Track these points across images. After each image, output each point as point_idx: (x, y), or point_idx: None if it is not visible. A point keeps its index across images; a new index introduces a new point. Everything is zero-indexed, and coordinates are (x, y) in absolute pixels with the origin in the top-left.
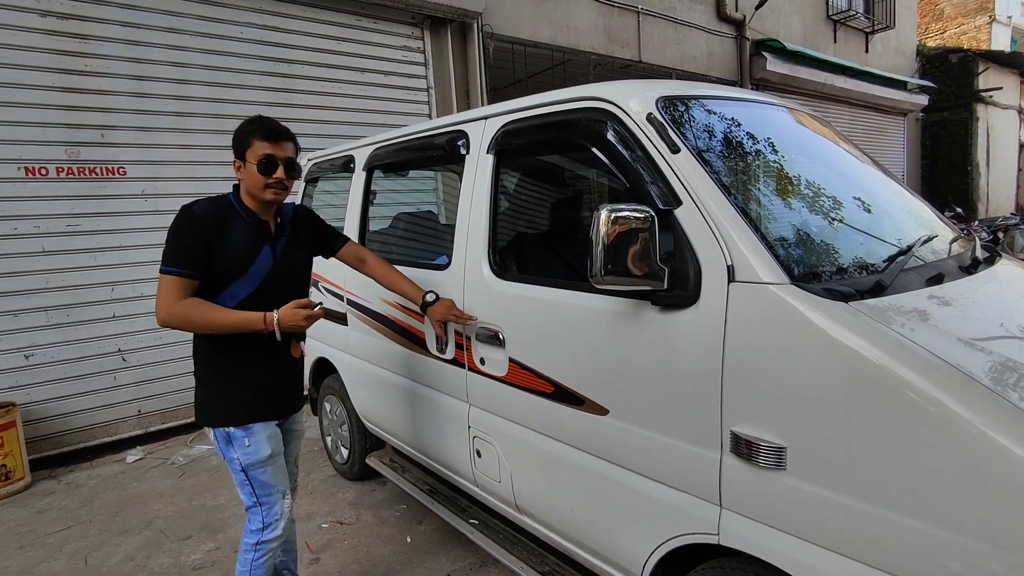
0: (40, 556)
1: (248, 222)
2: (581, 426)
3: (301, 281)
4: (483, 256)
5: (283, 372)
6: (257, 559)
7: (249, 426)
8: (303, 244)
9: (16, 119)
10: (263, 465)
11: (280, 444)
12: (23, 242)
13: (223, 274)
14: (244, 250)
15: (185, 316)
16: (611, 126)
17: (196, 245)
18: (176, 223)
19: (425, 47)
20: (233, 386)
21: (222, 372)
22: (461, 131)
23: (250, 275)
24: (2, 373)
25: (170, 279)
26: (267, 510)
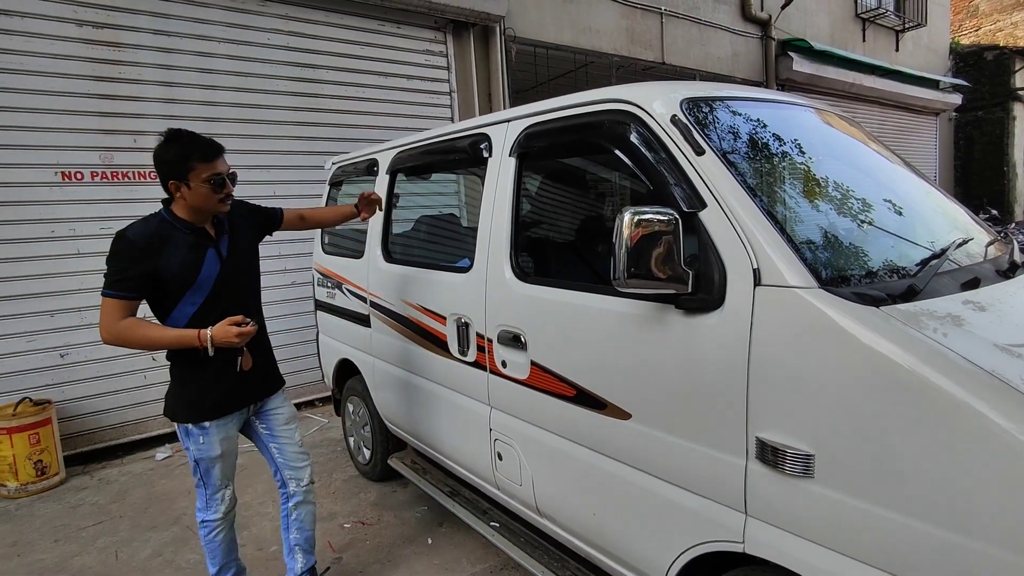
0: (73, 550)
1: (186, 232)
2: (603, 430)
3: (253, 275)
4: (505, 259)
5: (238, 373)
6: (207, 535)
7: (204, 425)
8: (245, 234)
9: (54, 125)
10: (212, 462)
11: (233, 444)
12: (59, 244)
13: (176, 286)
14: (188, 259)
15: (122, 336)
16: (634, 128)
17: (130, 268)
18: (111, 248)
19: (448, 51)
20: (189, 388)
21: (181, 375)
22: (484, 134)
23: (201, 281)
24: (39, 371)
25: (109, 301)
26: (210, 495)
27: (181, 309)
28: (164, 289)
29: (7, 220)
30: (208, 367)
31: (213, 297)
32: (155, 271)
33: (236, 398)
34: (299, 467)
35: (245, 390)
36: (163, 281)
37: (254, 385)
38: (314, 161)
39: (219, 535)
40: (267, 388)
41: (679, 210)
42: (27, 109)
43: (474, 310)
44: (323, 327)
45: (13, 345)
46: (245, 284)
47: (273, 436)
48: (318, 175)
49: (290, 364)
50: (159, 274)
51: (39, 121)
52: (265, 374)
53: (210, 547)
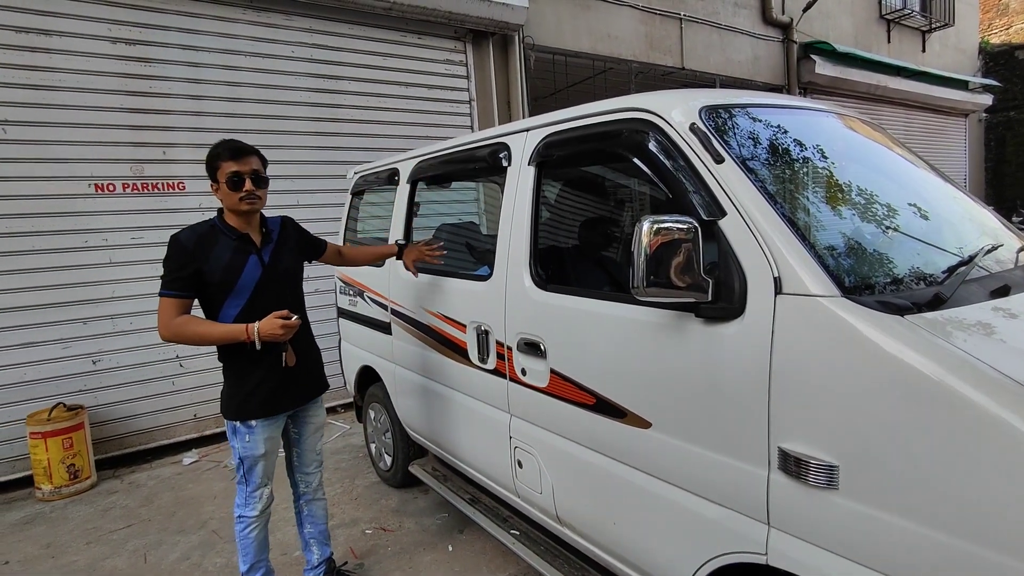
0: (104, 552)
1: (232, 238)
2: (623, 439)
3: (294, 284)
4: (524, 267)
5: (286, 372)
6: (243, 530)
7: (251, 424)
8: (290, 250)
9: (88, 139)
10: (256, 460)
11: (277, 444)
12: (93, 254)
13: (218, 287)
14: (230, 263)
15: (179, 332)
16: (653, 137)
17: (181, 268)
18: (167, 251)
19: (467, 60)
20: (240, 387)
21: (232, 374)
22: (503, 143)
23: (241, 285)
24: (72, 377)
25: (165, 301)
26: (250, 492)
27: (224, 312)
28: (208, 291)
29: (44, 231)
30: (258, 367)
31: (253, 302)
32: (200, 272)
33: (283, 400)
34: (311, 472)
35: (291, 394)
36: (206, 283)
37: (300, 389)
38: (336, 171)
39: (254, 532)
40: (312, 392)
41: (698, 218)
42: (64, 124)
43: (494, 318)
44: (345, 334)
45: (48, 352)
46: (285, 292)
47: (300, 440)
48: (340, 184)
49: None
50: (203, 276)
51: (74, 135)
52: (311, 379)
53: (244, 543)
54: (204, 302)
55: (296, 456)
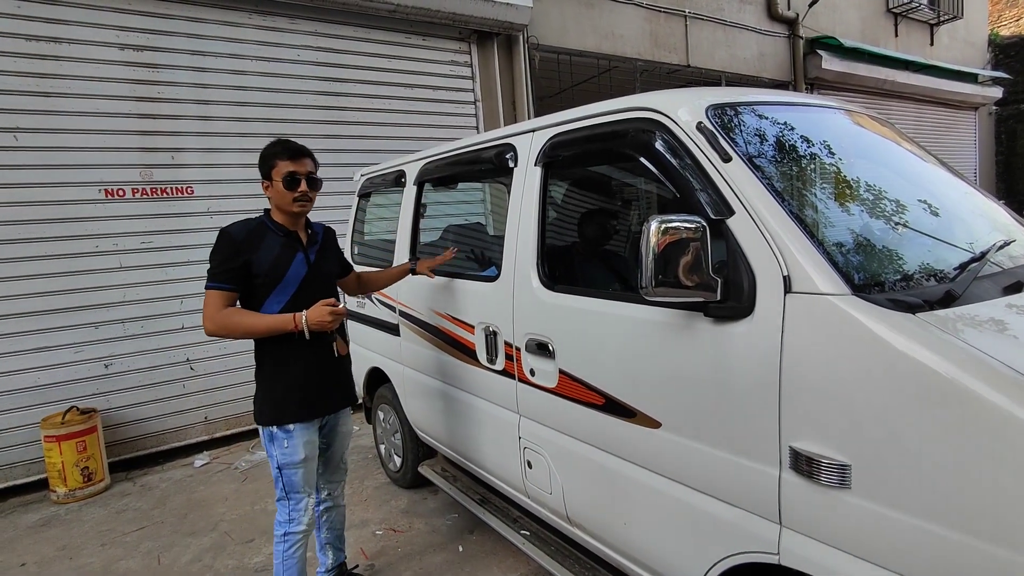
0: (118, 554)
1: (280, 235)
2: (633, 439)
3: (333, 287)
4: (532, 267)
5: (324, 372)
6: (287, 550)
7: (289, 428)
8: (332, 255)
9: (98, 145)
10: (296, 467)
11: (315, 450)
12: (104, 259)
13: (265, 281)
14: (278, 258)
15: (225, 324)
16: (660, 136)
17: (230, 261)
18: (215, 244)
19: (472, 60)
20: (277, 389)
21: (269, 376)
22: (509, 144)
23: (288, 279)
24: (85, 381)
25: (212, 294)
26: (293, 505)
27: (268, 307)
28: (254, 284)
29: (56, 236)
30: (299, 363)
31: (297, 297)
32: (249, 264)
33: (319, 405)
34: (336, 481)
35: (326, 398)
36: (254, 275)
37: (337, 393)
38: (343, 173)
39: (300, 550)
40: (346, 400)
41: (706, 217)
42: (74, 130)
43: (502, 319)
44: (353, 336)
45: (61, 356)
46: (326, 291)
47: (329, 447)
48: (346, 187)
49: None
50: (251, 267)
51: (84, 141)
52: (346, 386)
53: (287, 563)
54: (248, 297)
55: (323, 463)
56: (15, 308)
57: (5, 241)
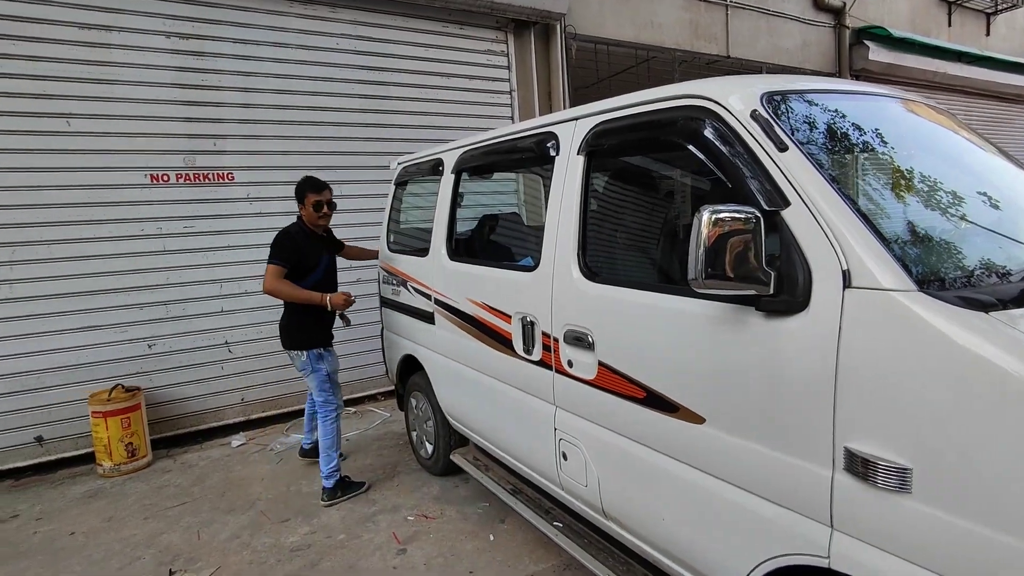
0: (161, 528)
1: (314, 241)
2: (675, 434)
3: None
4: (572, 258)
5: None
6: (335, 423)
7: (331, 348)
8: (334, 245)
9: (145, 131)
10: (336, 372)
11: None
12: (148, 242)
13: (305, 266)
14: (314, 253)
15: (278, 288)
16: (712, 125)
17: (288, 251)
18: (278, 237)
19: (508, 50)
20: (317, 328)
21: (310, 325)
22: (551, 132)
23: (320, 267)
24: (130, 360)
25: (272, 267)
26: (331, 396)
27: (304, 281)
28: (300, 266)
29: (104, 219)
30: (326, 319)
31: (322, 276)
32: (299, 255)
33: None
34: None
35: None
36: (300, 263)
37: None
38: (379, 162)
39: (338, 422)
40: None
41: (760, 208)
42: (122, 116)
43: (540, 309)
44: (387, 323)
45: (107, 335)
46: (334, 274)
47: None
48: (382, 175)
49: (353, 359)
50: (300, 257)
51: (132, 127)
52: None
53: (329, 437)
54: (291, 273)
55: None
56: (66, 288)
57: (58, 223)
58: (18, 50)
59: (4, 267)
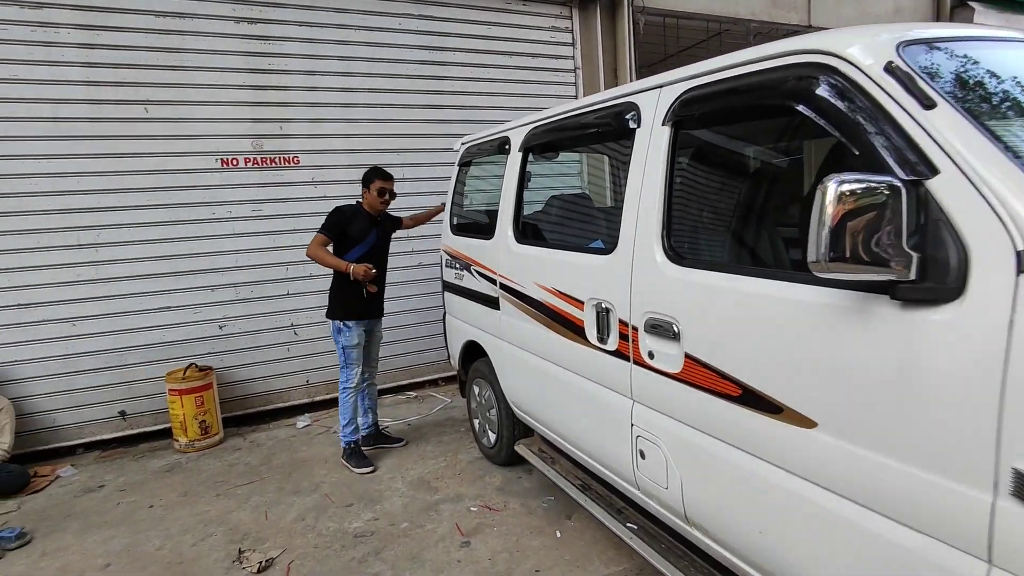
0: (231, 506)
1: (366, 217)
2: (778, 438)
3: (387, 250)
4: (656, 240)
5: (365, 299)
6: (347, 397)
7: (348, 323)
8: (388, 228)
9: (216, 116)
10: (352, 348)
11: (363, 339)
12: (219, 225)
13: (353, 239)
14: (363, 229)
15: (317, 254)
16: (834, 83)
17: (336, 224)
18: (331, 212)
19: (573, 26)
20: (343, 300)
21: (338, 294)
22: (631, 103)
23: (366, 241)
24: (202, 340)
25: (320, 236)
26: (348, 371)
27: (350, 256)
28: (347, 238)
29: (178, 203)
30: (352, 292)
31: (368, 251)
32: (346, 228)
33: (363, 314)
34: (372, 367)
35: (367, 311)
36: (347, 236)
37: (371, 312)
38: (441, 144)
39: (353, 397)
40: (377, 315)
41: (898, 178)
42: (194, 102)
43: (617, 295)
44: (450, 308)
45: (182, 316)
46: (383, 253)
47: (370, 344)
48: (444, 157)
49: (414, 343)
50: (347, 232)
51: (204, 112)
52: (377, 309)
53: (346, 404)
54: (338, 245)
55: (365, 353)
56: (145, 270)
57: (137, 207)
58: (101, 40)
59: (90, 249)
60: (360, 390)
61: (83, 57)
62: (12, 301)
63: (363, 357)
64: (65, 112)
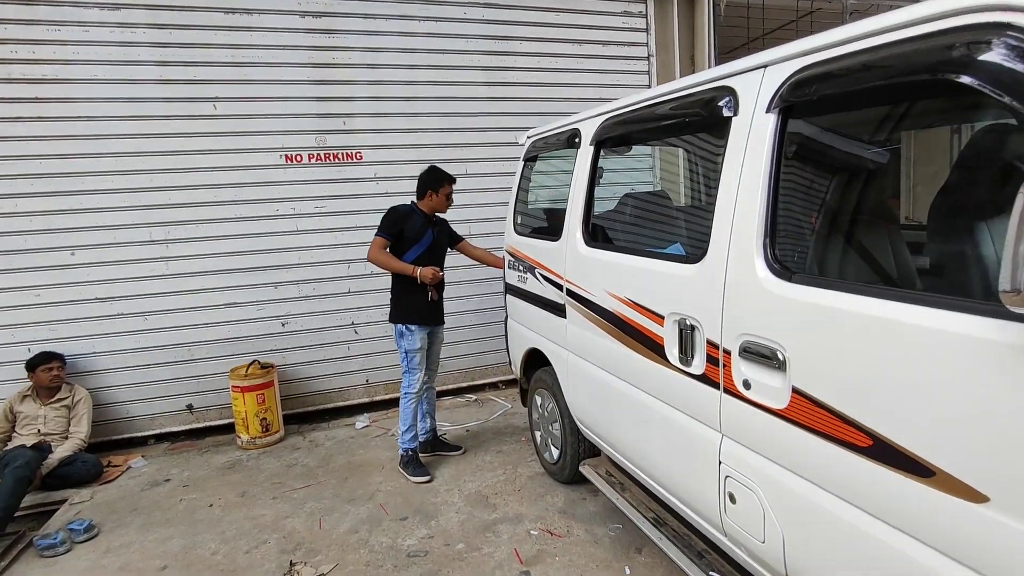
0: (286, 511)
1: (421, 217)
2: (927, 509)
3: (444, 252)
4: (757, 249)
5: (429, 303)
6: (408, 403)
7: (411, 327)
8: (444, 232)
9: (280, 112)
10: (415, 352)
11: (426, 343)
12: (283, 222)
13: (408, 240)
14: (419, 229)
15: (379, 258)
16: (1017, 44)
17: (393, 225)
18: (387, 213)
19: (648, 11)
20: (406, 305)
21: (401, 298)
22: (725, 87)
23: (422, 242)
24: (265, 337)
25: (378, 239)
26: (411, 376)
27: (406, 257)
28: (403, 240)
29: (244, 200)
30: (416, 296)
31: (425, 252)
32: (403, 230)
33: (427, 319)
34: (432, 370)
35: (431, 317)
36: (404, 236)
37: (435, 316)
38: (504, 138)
39: (413, 403)
40: (439, 320)
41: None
42: (260, 98)
43: (705, 312)
44: (512, 312)
45: (246, 312)
46: (440, 255)
47: (431, 349)
48: (508, 152)
49: (473, 345)
50: (404, 231)
51: (270, 108)
52: (439, 314)
53: (405, 412)
54: (396, 247)
55: (428, 357)
56: (212, 266)
57: (205, 204)
58: (174, 38)
59: (161, 245)
60: (421, 396)
61: (157, 56)
62: (91, 295)
63: (426, 363)
64: (140, 111)
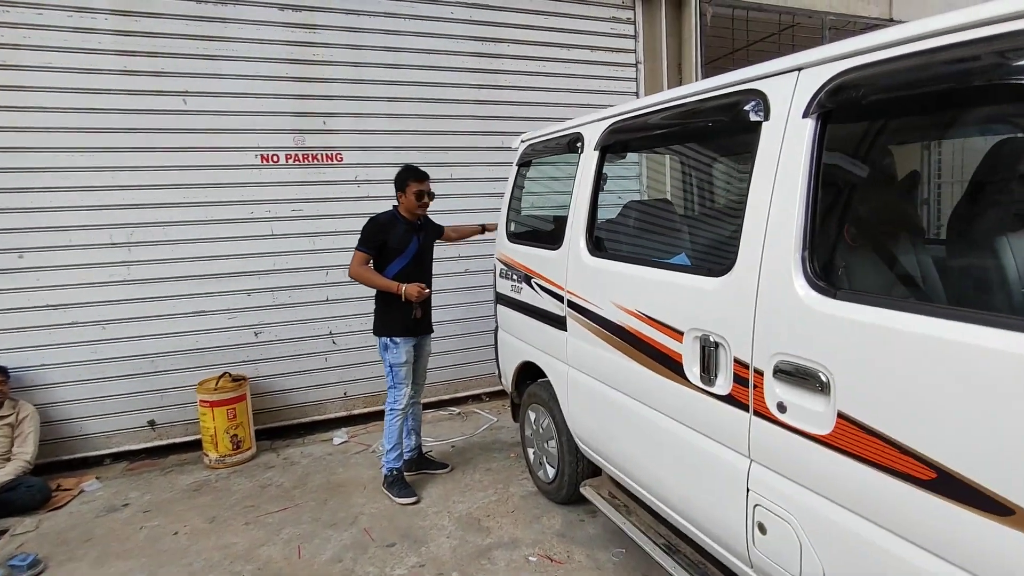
0: (261, 537)
1: (404, 224)
2: (1004, 551)
3: (430, 259)
4: (795, 263)
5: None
6: (393, 420)
7: (396, 339)
8: (430, 235)
9: (255, 109)
10: (400, 366)
11: (412, 356)
12: (257, 225)
13: (392, 251)
14: (402, 238)
15: (361, 274)
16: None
17: (374, 237)
18: (367, 225)
19: (636, 18)
20: (390, 318)
21: (385, 311)
22: (753, 90)
23: (407, 252)
24: (237, 347)
25: (359, 254)
26: (396, 392)
27: (390, 269)
28: (386, 252)
29: (215, 201)
30: (401, 309)
31: (409, 264)
32: (385, 240)
33: (413, 330)
34: (419, 384)
35: (416, 328)
36: (387, 247)
37: (421, 327)
38: (490, 142)
39: (399, 420)
40: (427, 330)
41: None
42: (234, 94)
43: (732, 328)
44: (504, 323)
45: (216, 321)
46: (427, 262)
47: (418, 362)
48: (495, 156)
49: (457, 356)
50: (387, 242)
51: (244, 105)
52: (427, 323)
53: (391, 429)
54: (379, 259)
55: (414, 370)
56: (179, 271)
57: (172, 204)
58: (139, 27)
59: (123, 248)
60: (407, 412)
61: (120, 45)
62: (41, 302)
63: (412, 376)
64: (100, 103)
